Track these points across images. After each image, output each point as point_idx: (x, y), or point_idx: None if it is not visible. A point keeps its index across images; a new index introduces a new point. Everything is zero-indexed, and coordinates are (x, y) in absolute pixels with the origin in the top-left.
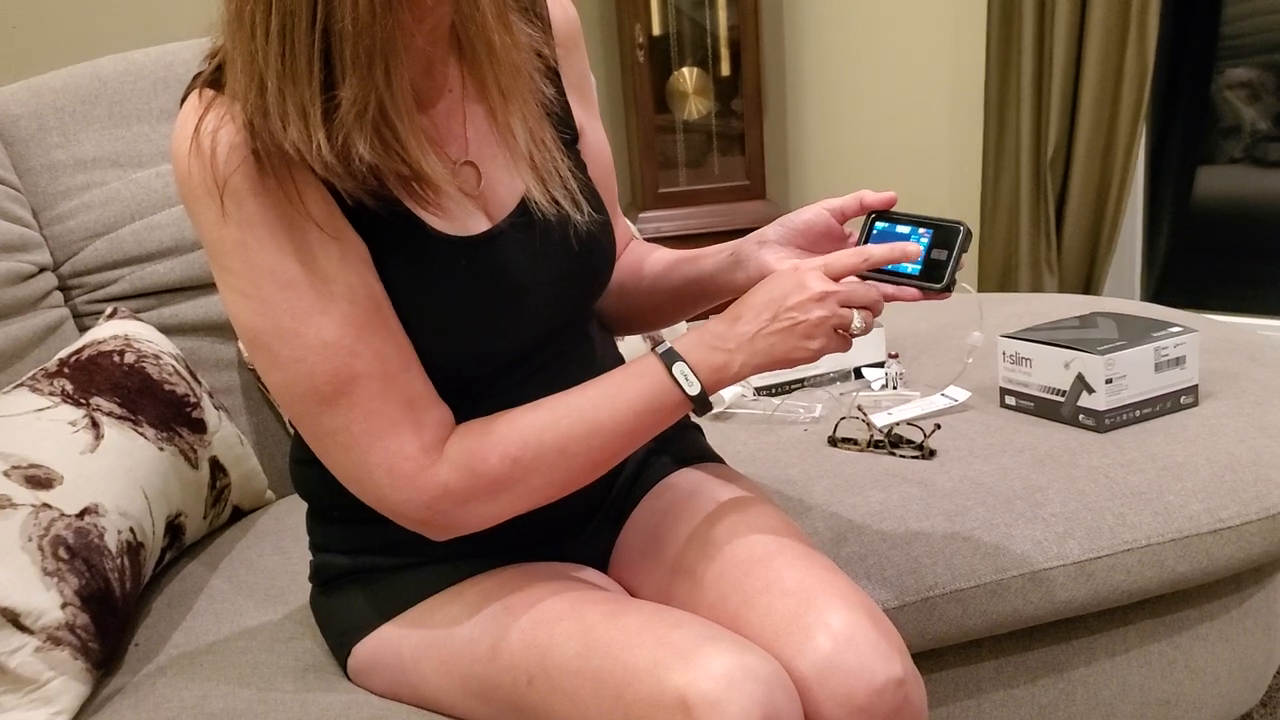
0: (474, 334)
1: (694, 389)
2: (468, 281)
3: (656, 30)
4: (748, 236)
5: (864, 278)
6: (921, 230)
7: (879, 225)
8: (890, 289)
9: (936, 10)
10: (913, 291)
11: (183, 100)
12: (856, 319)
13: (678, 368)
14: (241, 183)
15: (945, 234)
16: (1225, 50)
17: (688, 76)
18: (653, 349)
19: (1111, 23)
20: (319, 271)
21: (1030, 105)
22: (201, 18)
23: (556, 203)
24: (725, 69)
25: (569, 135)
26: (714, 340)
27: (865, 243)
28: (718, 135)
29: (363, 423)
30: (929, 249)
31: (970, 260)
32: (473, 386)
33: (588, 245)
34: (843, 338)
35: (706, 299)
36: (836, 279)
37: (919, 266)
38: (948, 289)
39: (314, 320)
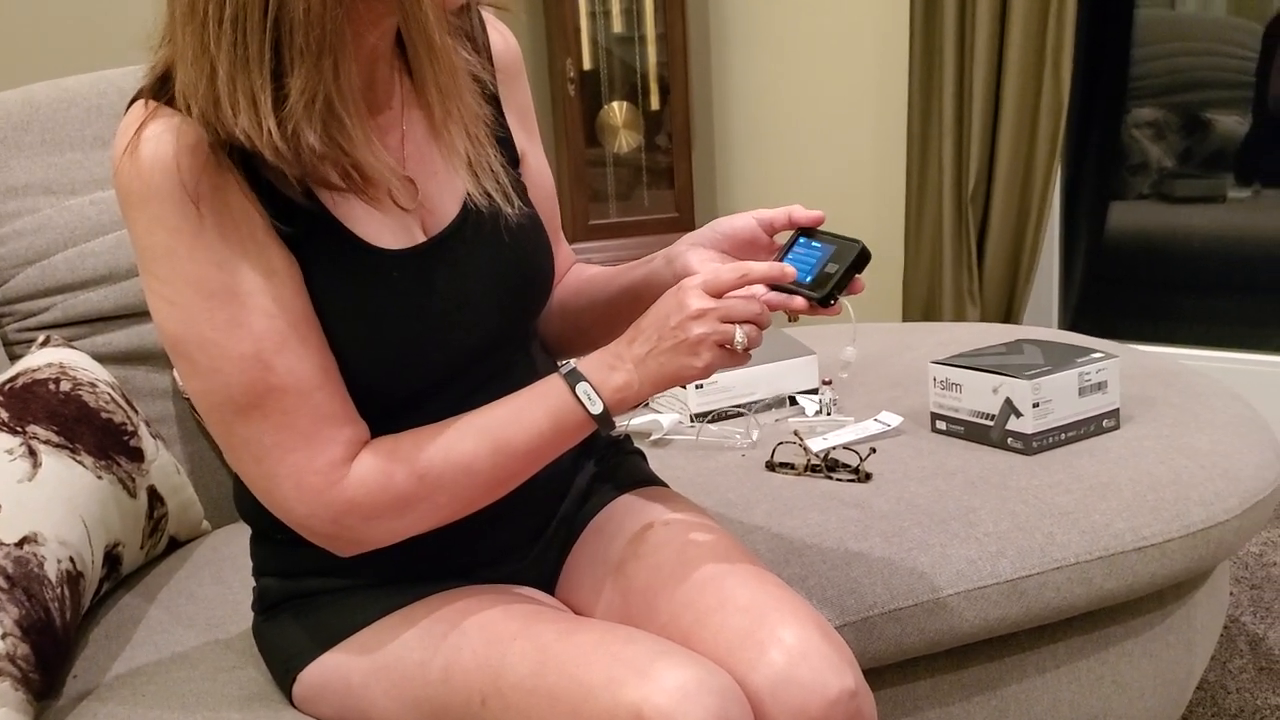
0: (407, 347)
1: (596, 408)
2: (401, 295)
3: (587, 65)
4: (682, 238)
5: (772, 287)
6: (826, 245)
7: (801, 240)
8: (781, 298)
9: (860, 49)
10: (800, 301)
11: (127, 109)
12: (738, 333)
13: (581, 387)
14: (173, 190)
15: (842, 251)
16: (1133, 91)
17: (618, 110)
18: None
19: (1028, 63)
20: (243, 284)
21: (951, 142)
22: (136, 45)
23: (489, 195)
24: (655, 103)
25: (510, 157)
26: (614, 361)
27: (784, 257)
28: (647, 168)
29: (275, 435)
30: (825, 263)
31: (894, 290)
32: (408, 403)
33: (520, 240)
34: (731, 352)
35: (643, 305)
36: (717, 295)
37: (811, 277)
38: (826, 302)
39: (233, 332)
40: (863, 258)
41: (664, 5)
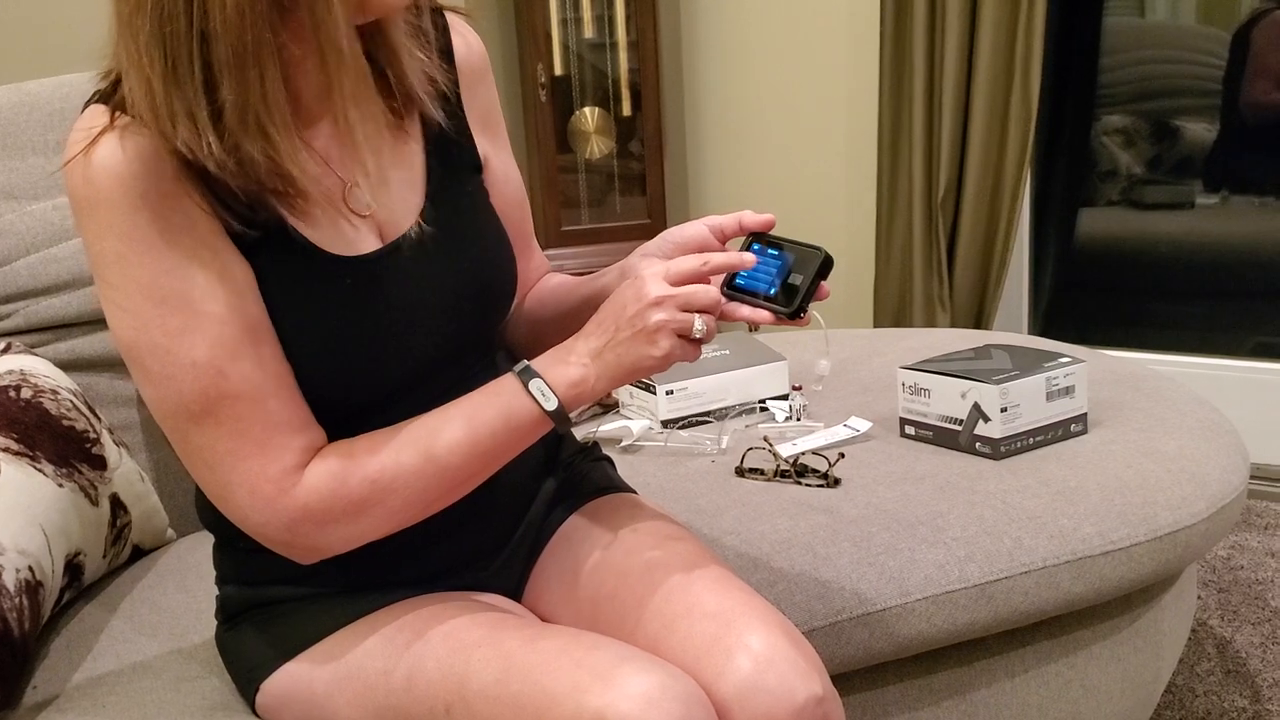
0: (363, 354)
1: (550, 404)
2: (355, 301)
3: (558, 70)
4: (635, 250)
5: (728, 298)
6: (785, 253)
7: (755, 246)
8: (747, 311)
9: (831, 56)
10: (766, 314)
11: (81, 113)
12: (697, 322)
13: (534, 384)
14: (123, 197)
15: (805, 260)
16: (1102, 98)
17: (589, 116)
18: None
19: (997, 71)
20: (195, 290)
21: (922, 149)
22: (99, 50)
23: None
24: (627, 109)
25: (471, 164)
26: (569, 356)
27: None
28: (619, 175)
29: (228, 442)
30: (788, 273)
31: (865, 297)
32: (368, 411)
33: (480, 248)
34: (688, 343)
35: None
36: (677, 284)
37: (776, 289)
38: (797, 315)
39: (186, 338)
40: (826, 265)
41: (636, 12)
